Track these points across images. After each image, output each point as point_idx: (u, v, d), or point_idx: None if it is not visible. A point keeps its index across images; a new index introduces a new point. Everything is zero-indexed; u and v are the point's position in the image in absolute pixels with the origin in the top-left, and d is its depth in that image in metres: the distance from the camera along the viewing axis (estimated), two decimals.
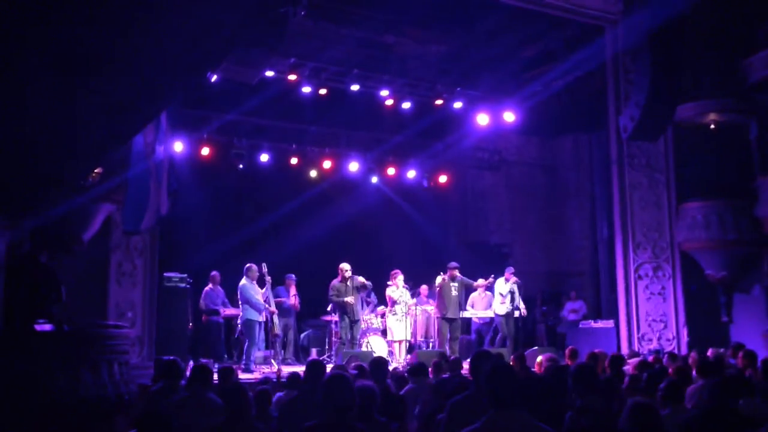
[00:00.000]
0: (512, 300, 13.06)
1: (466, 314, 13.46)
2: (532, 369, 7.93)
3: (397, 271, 12.74)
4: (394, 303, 12.54)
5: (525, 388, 3.88)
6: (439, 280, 12.59)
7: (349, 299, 11.87)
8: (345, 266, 12.09)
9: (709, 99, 13.51)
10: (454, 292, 12.54)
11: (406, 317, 12.39)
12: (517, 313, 13.08)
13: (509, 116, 15.43)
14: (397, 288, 12.57)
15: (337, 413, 4.05)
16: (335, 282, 12.08)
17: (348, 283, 11.96)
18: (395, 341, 12.52)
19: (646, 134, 12.10)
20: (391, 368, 8.57)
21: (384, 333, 12.74)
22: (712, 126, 13.90)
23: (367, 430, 4.18)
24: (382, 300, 13.38)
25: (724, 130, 13.92)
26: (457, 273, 12.64)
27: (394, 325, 12.49)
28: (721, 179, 13.61)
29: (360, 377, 7.01)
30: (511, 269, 13.39)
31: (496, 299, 13.19)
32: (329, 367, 11.26)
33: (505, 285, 13.16)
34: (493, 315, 13.25)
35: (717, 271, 13.39)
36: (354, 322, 11.91)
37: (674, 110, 11.90)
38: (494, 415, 3.60)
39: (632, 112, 11.60)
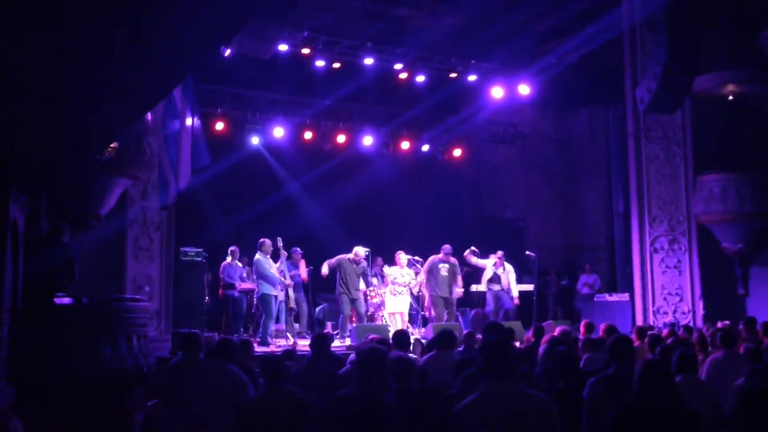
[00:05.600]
0: (499, 281, 13.12)
1: (480, 288, 13.50)
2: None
3: (400, 251, 12.76)
4: (393, 282, 12.60)
5: (518, 359, 3.95)
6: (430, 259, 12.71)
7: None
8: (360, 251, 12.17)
9: (727, 70, 13.34)
10: (444, 273, 12.56)
11: (399, 294, 12.48)
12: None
13: (524, 89, 15.30)
14: (401, 268, 12.60)
15: (370, 385, 4.08)
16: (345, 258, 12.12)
17: (355, 265, 12.06)
18: (391, 313, 12.62)
19: (664, 106, 11.97)
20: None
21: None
22: (730, 97, 13.74)
23: (400, 404, 4.20)
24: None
25: (741, 102, 13.77)
26: (450, 257, 12.64)
27: (388, 299, 12.58)
28: (738, 151, 13.49)
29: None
30: (500, 253, 13.32)
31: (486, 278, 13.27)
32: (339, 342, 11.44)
33: (492, 268, 13.21)
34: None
35: (733, 244, 13.32)
36: (353, 300, 11.95)
37: (692, 82, 11.75)
38: (490, 385, 3.63)
39: (649, 83, 11.47)
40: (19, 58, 3.40)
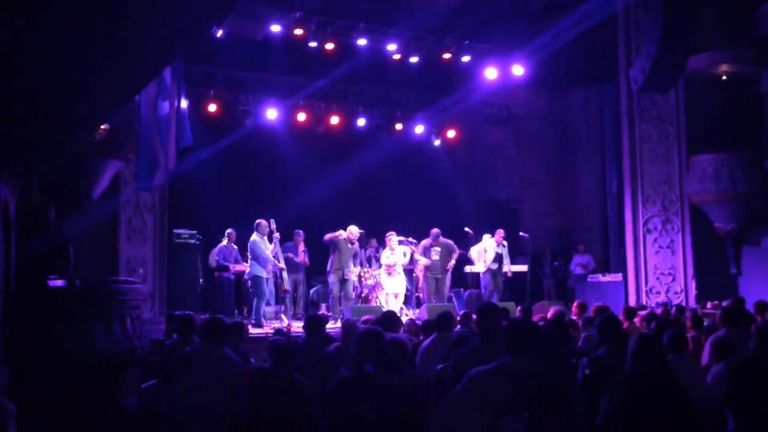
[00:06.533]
0: (500, 260, 13.21)
1: (476, 269, 13.55)
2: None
3: (392, 232, 12.82)
4: (389, 266, 12.70)
5: (537, 338, 4.00)
6: (423, 243, 12.99)
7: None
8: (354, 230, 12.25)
9: (721, 50, 13.30)
10: (435, 256, 12.75)
11: (395, 275, 12.63)
12: (505, 269, 13.39)
13: (518, 70, 15.24)
14: (391, 251, 12.67)
15: (368, 367, 4.10)
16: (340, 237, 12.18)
17: (349, 245, 12.15)
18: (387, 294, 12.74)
19: (657, 86, 11.92)
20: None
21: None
22: (724, 77, 13.71)
23: (398, 384, 4.23)
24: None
25: (735, 82, 13.74)
26: (440, 239, 12.89)
27: (385, 280, 12.67)
28: (731, 131, 13.48)
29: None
30: (502, 232, 13.42)
31: (480, 259, 13.31)
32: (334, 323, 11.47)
33: (495, 246, 13.26)
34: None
35: (726, 224, 13.36)
36: (344, 281, 12.06)
37: (686, 61, 11.71)
38: (508, 360, 3.72)
39: (643, 63, 11.42)
40: (2, 38, 3.37)
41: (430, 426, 4.60)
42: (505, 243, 13.48)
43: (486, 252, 13.32)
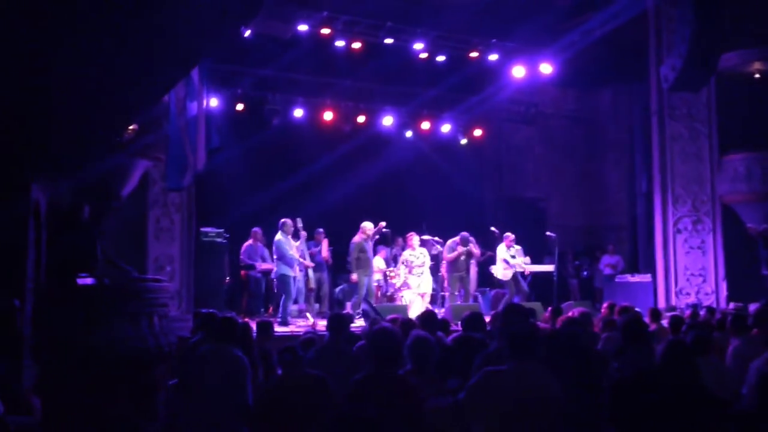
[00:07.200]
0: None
1: (497, 274, 13.45)
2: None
3: (412, 233, 12.81)
4: (411, 267, 12.68)
5: (542, 342, 4.01)
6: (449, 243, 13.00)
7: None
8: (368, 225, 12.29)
9: (754, 48, 13.08)
10: (462, 257, 12.79)
11: (422, 275, 12.60)
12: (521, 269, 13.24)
13: (546, 68, 15.11)
14: (413, 250, 12.64)
15: (383, 365, 4.10)
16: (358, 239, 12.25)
17: (369, 241, 12.22)
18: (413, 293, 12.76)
19: (689, 84, 11.75)
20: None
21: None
22: (757, 75, 13.49)
23: (421, 384, 4.20)
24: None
25: (767, 80, 13.51)
26: (469, 242, 12.90)
27: (412, 280, 12.66)
28: (764, 130, 13.25)
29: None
30: (510, 235, 13.27)
31: (498, 264, 13.16)
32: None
33: (506, 251, 13.13)
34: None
35: (758, 224, 13.13)
36: (368, 278, 12.18)
37: (718, 59, 11.53)
38: (515, 364, 3.76)
39: (674, 61, 11.27)
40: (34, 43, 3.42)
41: None
42: (516, 246, 13.29)
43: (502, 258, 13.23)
